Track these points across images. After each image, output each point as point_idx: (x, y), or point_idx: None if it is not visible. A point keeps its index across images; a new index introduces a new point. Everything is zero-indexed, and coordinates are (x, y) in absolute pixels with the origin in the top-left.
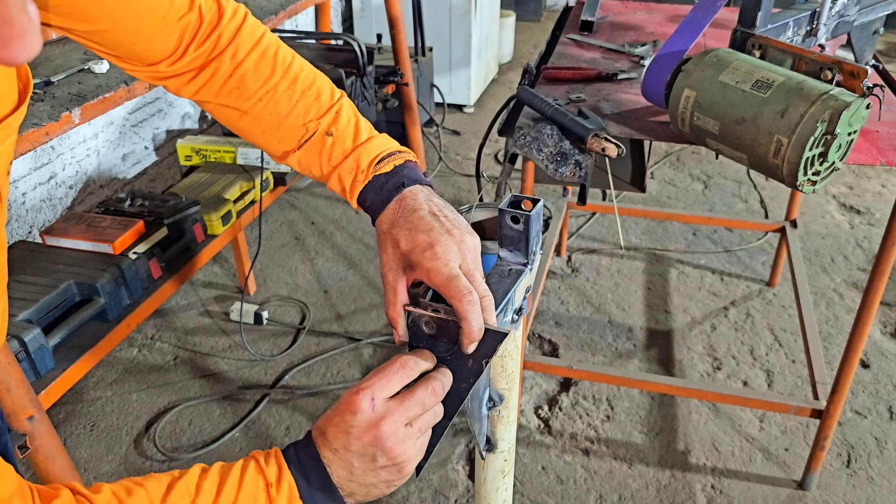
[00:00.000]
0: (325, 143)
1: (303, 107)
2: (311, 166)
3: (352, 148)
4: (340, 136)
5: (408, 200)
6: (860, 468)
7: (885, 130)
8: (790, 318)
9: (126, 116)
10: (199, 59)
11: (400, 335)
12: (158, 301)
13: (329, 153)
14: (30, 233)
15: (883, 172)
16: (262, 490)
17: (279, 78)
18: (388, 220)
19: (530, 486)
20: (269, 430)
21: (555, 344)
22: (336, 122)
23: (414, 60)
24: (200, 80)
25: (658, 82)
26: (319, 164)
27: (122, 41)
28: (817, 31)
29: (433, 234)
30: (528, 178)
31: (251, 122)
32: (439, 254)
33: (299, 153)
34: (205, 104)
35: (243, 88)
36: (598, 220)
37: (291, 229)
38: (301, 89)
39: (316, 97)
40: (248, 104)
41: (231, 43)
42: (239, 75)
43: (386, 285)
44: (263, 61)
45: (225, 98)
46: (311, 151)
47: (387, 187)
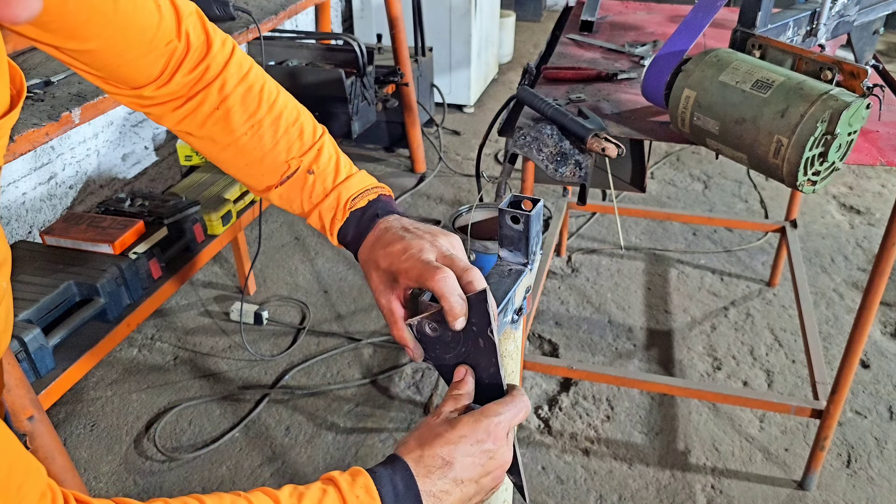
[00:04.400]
0: (307, 180)
1: (286, 143)
2: (292, 202)
3: (332, 187)
4: (322, 174)
5: (381, 226)
6: (860, 468)
7: (885, 130)
8: (790, 318)
9: (126, 116)
10: (185, 87)
11: (414, 353)
12: (158, 301)
13: (310, 191)
14: (30, 233)
15: (883, 172)
16: None
17: (264, 113)
18: (367, 249)
19: (530, 486)
20: (269, 430)
21: (555, 344)
22: (318, 159)
23: (414, 60)
24: (186, 110)
25: (658, 82)
26: (301, 202)
27: (108, 62)
28: (817, 31)
29: (405, 241)
30: (528, 178)
31: (234, 154)
32: (412, 252)
33: (281, 189)
34: (188, 136)
35: (228, 121)
36: (598, 220)
37: (291, 229)
38: (285, 125)
39: (299, 134)
40: (232, 137)
41: (219, 75)
42: (225, 108)
43: (383, 311)
44: (250, 95)
45: (209, 130)
46: (293, 188)
47: (363, 220)
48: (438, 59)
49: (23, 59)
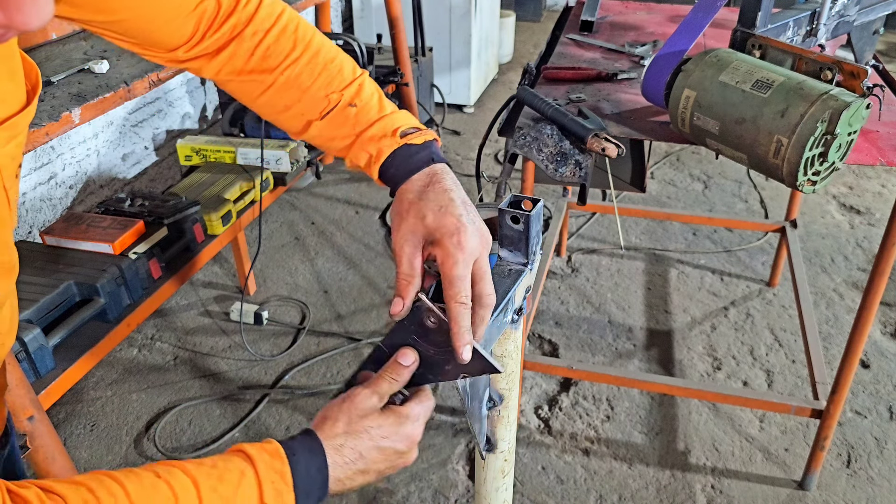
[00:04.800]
0: (349, 113)
1: (325, 79)
2: (333, 136)
3: (377, 118)
4: (364, 107)
5: (438, 177)
6: (860, 468)
7: (885, 130)
8: (790, 318)
9: (126, 116)
10: (217, 42)
11: (401, 312)
12: (158, 301)
13: (353, 121)
14: (30, 233)
15: (883, 172)
16: None
17: (300, 52)
18: (416, 191)
19: (530, 486)
20: (269, 430)
21: (555, 344)
22: (359, 94)
23: (414, 60)
24: (221, 59)
25: (658, 82)
26: (342, 136)
27: (140, 30)
28: (817, 31)
29: (462, 220)
30: (528, 178)
31: (273, 96)
32: (463, 243)
33: (321, 123)
34: (226, 83)
35: (265, 65)
36: (598, 220)
37: (291, 229)
38: (323, 62)
39: (338, 71)
40: (270, 79)
41: (249, 23)
42: (260, 53)
43: (401, 256)
44: (284, 37)
45: (247, 75)
46: (334, 122)
47: (416, 158)
48: (438, 59)
49: None
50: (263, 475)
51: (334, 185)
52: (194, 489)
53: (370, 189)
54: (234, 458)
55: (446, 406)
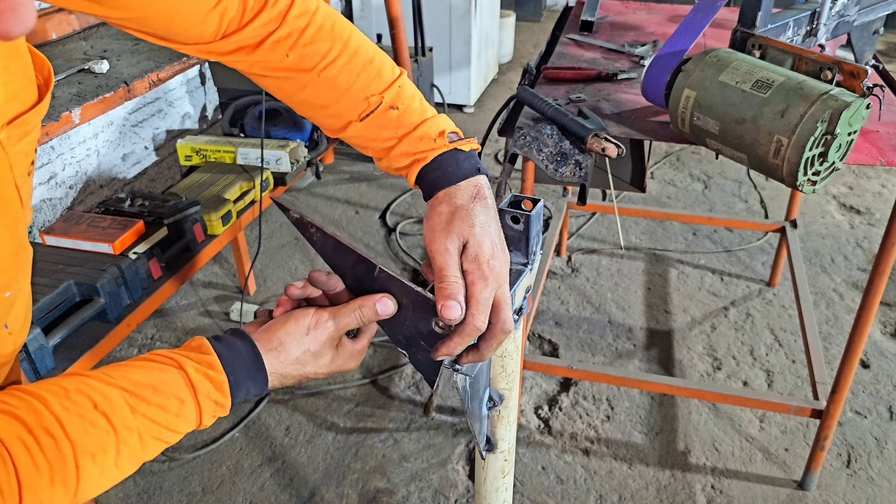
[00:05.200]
0: (391, 115)
1: (364, 80)
2: (373, 137)
3: (420, 120)
4: (407, 109)
5: (484, 192)
6: (860, 468)
7: (885, 130)
8: (790, 318)
9: (126, 116)
10: (249, 39)
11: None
12: (158, 301)
13: (396, 124)
14: (30, 233)
15: (883, 172)
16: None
17: (338, 52)
18: (465, 198)
19: (530, 486)
20: (269, 430)
21: (555, 344)
22: (400, 96)
23: (414, 60)
24: (257, 56)
25: (658, 82)
26: (383, 136)
27: (158, 26)
28: (817, 31)
29: (499, 246)
30: (528, 178)
31: (311, 95)
32: (497, 270)
33: (361, 125)
34: (262, 78)
35: (302, 65)
36: (598, 220)
37: (291, 229)
38: (362, 63)
39: (378, 72)
40: (307, 78)
41: (283, 23)
42: (296, 54)
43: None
44: (320, 36)
45: (283, 72)
46: (374, 124)
47: (464, 165)
48: (438, 59)
49: None
50: (205, 406)
51: (334, 185)
52: (133, 421)
53: (370, 189)
54: (173, 381)
55: (446, 406)
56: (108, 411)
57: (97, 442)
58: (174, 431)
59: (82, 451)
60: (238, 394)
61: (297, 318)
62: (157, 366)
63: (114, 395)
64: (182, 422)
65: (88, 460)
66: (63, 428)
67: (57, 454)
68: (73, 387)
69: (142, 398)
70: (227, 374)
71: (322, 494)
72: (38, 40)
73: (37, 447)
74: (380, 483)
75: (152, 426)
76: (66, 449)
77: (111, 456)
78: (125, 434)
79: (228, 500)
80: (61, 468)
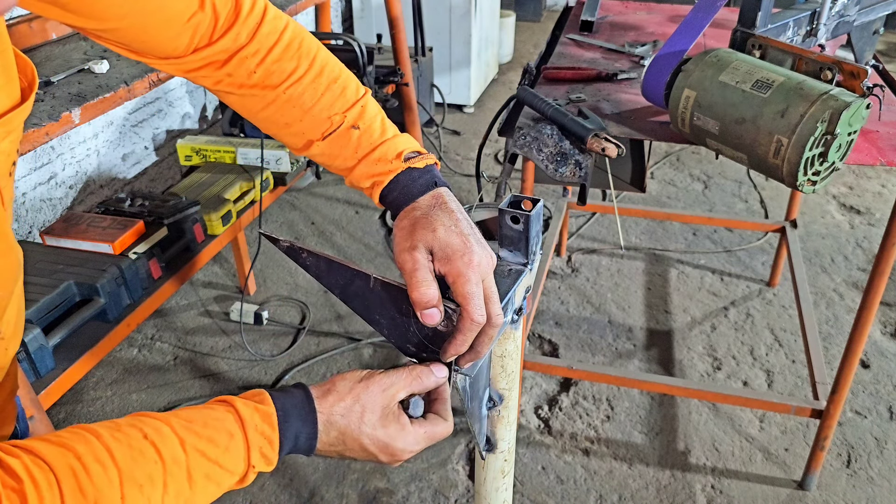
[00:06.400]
0: (352, 135)
1: (328, 100)
2: (334, 157)
3: (380, 141)
4: (367, 129)
5: (444, 199)
6: (860, 468)
7: (885, 130)
8: (790, 318)
9: (126, 116)
10: (219, 54)
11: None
12: (158, 301)
13: (356, 145)
14: (30, 233)
15: (883, 172)
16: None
17: (304, 70)
18: (423, 209)
19: (530, 486)
20: None
21: (555, 344)
22: (362, 116)
23: (414, 60)
24: (224, 71)
25: (658, 82)
26: (344, 157)
27: (133, 38)
28: (817, 31)
29: (471, 241)
30: (528, 178)
31: (275, 112)
32: (474, 262)
33: (323, 144)
34: (226, 94)
35: (267, 82)
36: (598, 220)
37: (291, 229)
38: (326, 82)
39: (342, 91)
40: (273, 95)
41: (252, 40)
42: (263, 70)
43: (416, 265)
44: (287, 54)
45: (248, 90)
46: (336, 143)
47: (420, 182)
48: (438, 59)
49: None
50: (252, 440)
51: (334, 185)
52: (182, 453)
53: None
54: (223, 417)
55: None
56: (157, 441)
57: (144, 472)
58: (223, 469)
59: (129, 479)
60: (288, 430)
61: (353, 370)
62: (210, 405)
63: (164, 428)
64: (231, 458)
65: (135, 490)
66: (112, 456)
67: (105, 481)
68: (126, 421)
69: (192, 431)
70: (277, 408)
71: (322, 494)
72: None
73: (84, 474)
74: (380, 483)
75: (202, 461)
76: (113, 476)
77: (158, 489)
78: (173, 468)
79: (228, 500)
80: (108, 493)
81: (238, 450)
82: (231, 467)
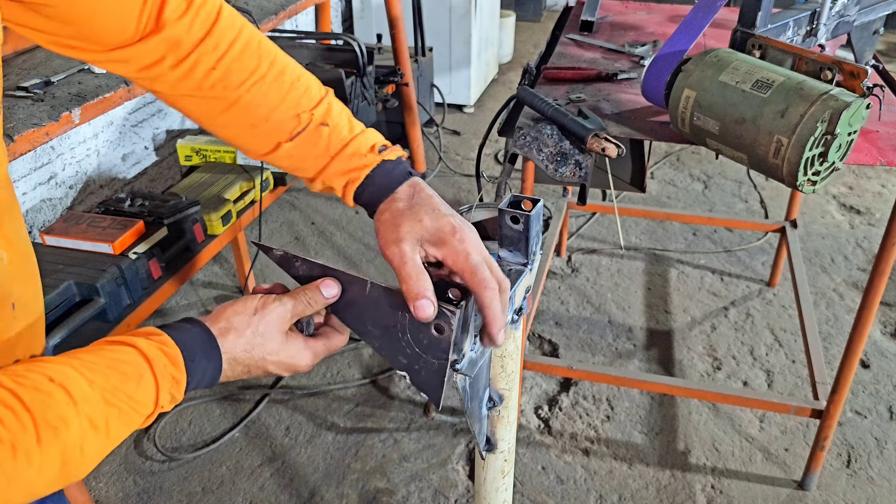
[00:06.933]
0: (322, 133)
1: (294, 97)
2: (304, 158)
3: (350, 137)
4: (336, 126)
5: (420, 186)
6: (860, 468)
7: (885, 130)
8: (790, 318)
9: (126, 116)
10: (174, 48)
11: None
12: (158, 301)
13: (327, 142)
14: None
15: (883, 172)
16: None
17: (266, 68)
18: (404, 200)
19: (530, 486)
20: (269, 430)
21: (555, 344)
22: (329, 113)
23: (414, 60)
24: (180, 71)
25: (658, 82)
26: (315, 156)
27: (73, 16)
28: (817, 31)
29: (456, 220)
30: (528, 178)
31: (237, 115)
32: (467, 238)
33: (291, 144)
34: (182, 98)
35: (228, 79)
36: (598, 220)
37: (291, 229)
38: (290, 80)
39: (306, 89)
40: (235, 95)
41: (209, 34)
42: (223, 67)
43: (405, 258)
44: (248, 51)
45: (208, 90)
46: (305, 143)
47: (396, 172)
48: (438, 59)
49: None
50: (161, 382)
51: None
52: (93, 393)
53: None
54: (130, 359)
55: (446, 406)
56: (65, 383)
57: (57, 414)
58: (134, 409)
59: (43, 422)
60: (194, 370)
61: (244, 301)
62: (111, 346)
63: (68, 371)
64: (141, 397)
65: (50, 433)
66: (21, 400)
67: (18, 425)
68: (24, 367)
69: (98, 372)
70: (181, 349)
71: (322, 494)
72: None
73: None
74: (380, 483)
75: (113, 399)
76: (25, 420)
77: (74, 430)
78: (86, 407)
79: (228, 500)
80: (23, 437)
81: (148, 390)
82: (142, 408)
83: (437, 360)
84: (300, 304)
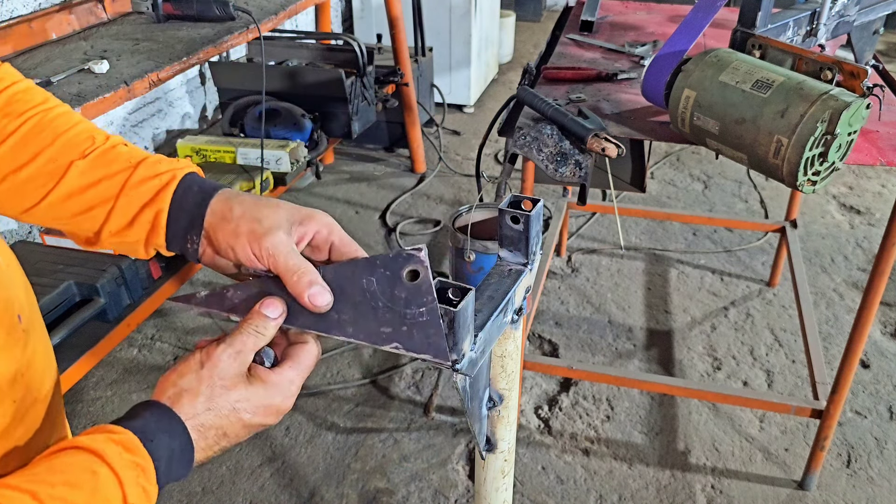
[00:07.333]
0: (120, 150)
1: (86, 126)
2: (100, 177)
3: (147, 155)
4: (134, 147)
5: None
6: (860, 468)
7: (885, 130)
8: (790, 318)
9: (126, 116)
10: None
11: (330, 302)
12: (158, 301)
13: (127, 156)
14: (30, 233)
15: (883, 172)
16: None
17: (54, 104)
18: (237, 195)
19: (530, 486)
20: (268, 430)
21: (555, 344)
22: (124, 141)
23: (414, 60)
24: None
25: (658, 82)
26: (115, 169)
27: None
28: (817, 31)
29: (282, 202)
30: (528, 178)
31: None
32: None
33: (84, 163)
34: None
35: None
36: (598, 220)
37: None
38: (79, 118)
39: (94, 127)
40: (14, 123)
41: None
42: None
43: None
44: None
45: None
46: (101, 160)
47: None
48: (438, 59)
49: (23, 59)
50: (122, 473)
51: (334, 185)
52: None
53: (370, 189)
54: (73, 460)
55: (446, 406)
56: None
57: None
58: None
59: None
60: (158, 451)
61: (185, 361)
62: (45, 459)
63: (4, 491)
64: (103, 495)
65: None
66: None
67: None
68: None
69: (41, 482)
70: (133, 432)
71: (322, 494)
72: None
73: None
74: (380, 483)
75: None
76: None
77: None
78: None
79: (228, 500)
80: None
81: (108, 487)
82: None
83: (423, 307)
84: (249, 338)
